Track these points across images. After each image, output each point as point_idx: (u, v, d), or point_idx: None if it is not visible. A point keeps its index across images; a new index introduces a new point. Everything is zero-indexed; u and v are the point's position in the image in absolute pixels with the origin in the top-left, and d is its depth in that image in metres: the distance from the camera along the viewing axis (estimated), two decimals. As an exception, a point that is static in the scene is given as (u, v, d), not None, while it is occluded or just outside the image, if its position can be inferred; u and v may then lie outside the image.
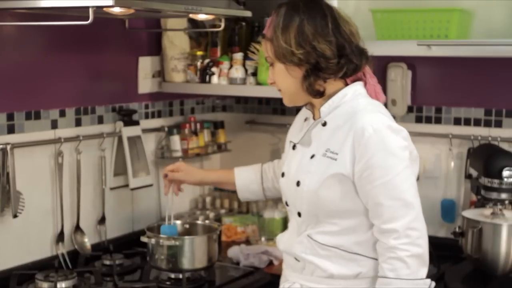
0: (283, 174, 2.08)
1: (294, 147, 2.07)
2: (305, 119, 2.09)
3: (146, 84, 3.02)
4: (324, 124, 1.97)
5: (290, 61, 1.92)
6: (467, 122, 2.90)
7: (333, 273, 1.96)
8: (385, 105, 2.96)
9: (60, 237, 2.65)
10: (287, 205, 2.08)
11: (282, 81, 1.98)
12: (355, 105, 1.94)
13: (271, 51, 1.96)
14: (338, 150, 1.91)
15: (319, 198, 1.93)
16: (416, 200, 1.89)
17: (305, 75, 1.93)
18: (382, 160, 1.85)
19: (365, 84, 2.01)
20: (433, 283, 1.91)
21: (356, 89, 1.98)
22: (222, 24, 2.75)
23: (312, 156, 1.97)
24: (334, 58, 1.91)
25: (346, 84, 1.99)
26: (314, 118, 2.04)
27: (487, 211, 2.61)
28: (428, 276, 1.89)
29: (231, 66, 2.96)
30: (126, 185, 2.90)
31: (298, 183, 1.98)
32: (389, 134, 1.87)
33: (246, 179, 2.37)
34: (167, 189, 2.44)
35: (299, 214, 2.00)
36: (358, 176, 1.88)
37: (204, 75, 2.99)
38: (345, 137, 1.90)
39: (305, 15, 1.91)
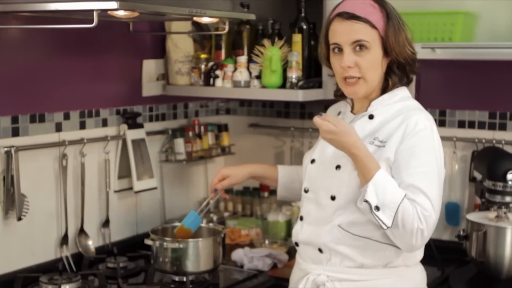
0: (313, 161, 2.11)
1: None
2: (339, 113, 2.16)
3: (150, 87, 3.03)
4: (371, 117, 2.04)
5: (401, 56, 2.02)
6: (471, 125, 2.90)
7: (363, 262, 2.00)
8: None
9: (64, 240, 2.65)
10: (305, 191, 2.10)
11: (372, 72, 2.01)
12: (407, 104, 2.06)
13: (379, 40, 2.00)
14: (386, 139, 1.99)
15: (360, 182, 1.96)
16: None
17: (389, 71, 2.04)
18: (425, 152, 1.95)
19: None
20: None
21: (404, 92, 2.09)
22: (226, 27, 2.75)
23: None
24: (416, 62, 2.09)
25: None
26: (352, 111, 2.10)
27: (492, 214, 2.60)
28: (432, 280, 1.90)
29: (235, 69, 2.95)
30: (130, 188, 2.90)
31: (338, 167, 2.02)
32: (436, 133, 2.01)
33: (288, 177, 2.38)
34: (214, 194, 2.40)
35: (333, 198, 2.01)
36: (396, 157, 1.96)
37: (208, 78, 2.99)
38: (395, 128, 1.99)
39: (401, 23, 2.05)
